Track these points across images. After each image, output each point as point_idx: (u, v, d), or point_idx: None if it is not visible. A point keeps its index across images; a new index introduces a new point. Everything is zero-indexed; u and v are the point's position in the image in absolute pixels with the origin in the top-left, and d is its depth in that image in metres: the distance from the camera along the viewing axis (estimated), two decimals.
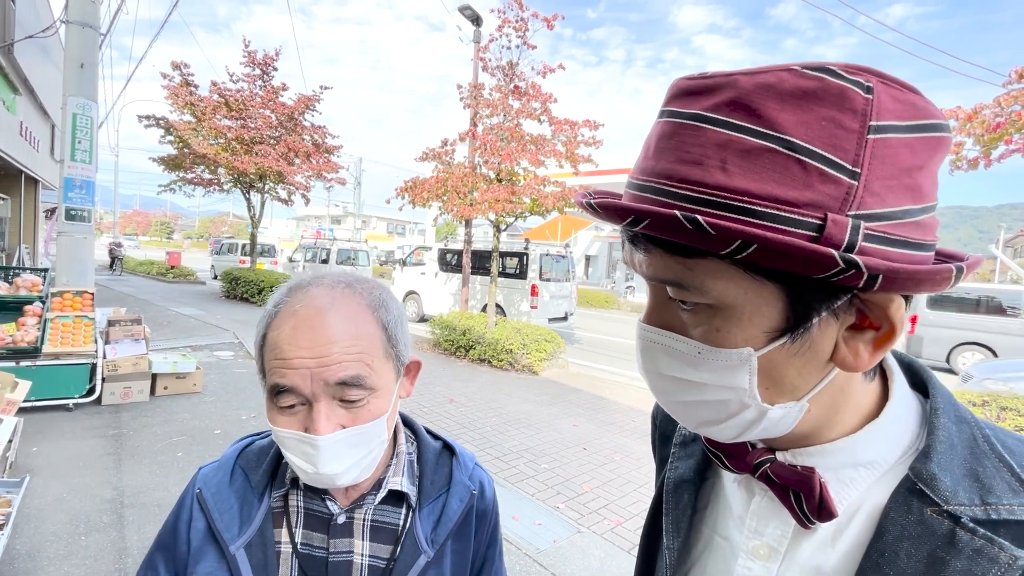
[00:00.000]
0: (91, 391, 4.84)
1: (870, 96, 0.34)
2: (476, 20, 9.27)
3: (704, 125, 0.37)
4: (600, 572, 2.84)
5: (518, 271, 10.55)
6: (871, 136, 0.34)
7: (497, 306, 9.64)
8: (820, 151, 0.34)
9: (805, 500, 0.42)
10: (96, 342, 5.07)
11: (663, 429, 0.65)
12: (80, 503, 3.12)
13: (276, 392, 0.59)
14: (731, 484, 0.52)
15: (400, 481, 0.70)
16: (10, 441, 3.05)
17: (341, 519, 0.67)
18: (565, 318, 10.95)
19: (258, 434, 0.76)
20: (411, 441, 0.77)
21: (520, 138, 8.16)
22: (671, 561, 0.54)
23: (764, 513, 0.47)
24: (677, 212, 0.35)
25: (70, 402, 4.68)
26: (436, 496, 0.72)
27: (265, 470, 0.69)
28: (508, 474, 3.99)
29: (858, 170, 0.34)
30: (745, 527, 0.48)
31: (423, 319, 11.55)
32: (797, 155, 0.35)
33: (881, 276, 0.33)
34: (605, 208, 0.41)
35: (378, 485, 0.69)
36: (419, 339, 9.57)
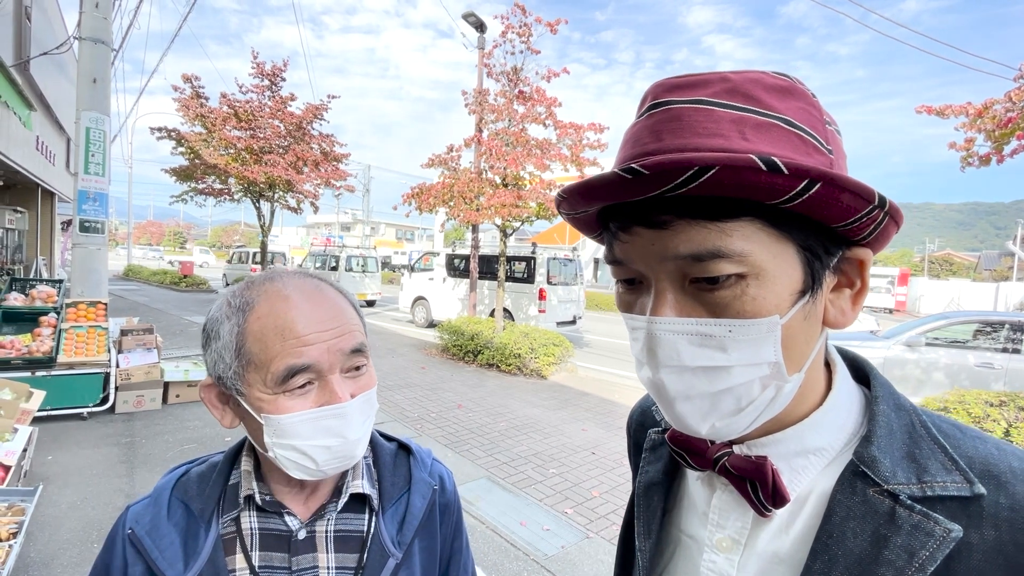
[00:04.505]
0: (104, 400, 4.92)
1: (815, 98, 0.43)
2: (480, 27, 9.33)
3: (712, 108, 0.40)
4: None
5: (526, 275, 10.55)
6: (828, 127, 0.43)
7: (505, 310, 9.65)
8: (809, 129, 0.41)
9: (760, 487, 0.44)
10: (109, 351, 5.15)
11: (636, 438, 0.66)
12: (93, 511, 3.16)
13: (291, 374, 0.57)
14: (695, 483, 0.54)
15: (360, 484, 0.68)
16: (25, 450, 3.10)
17: (302, 534, 0.64)
18: (573, 322, 10.92)
19: (191, 461, 0.72)
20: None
21: (525, 143, 8.18)
22: (643, 563, 0.55)
23: (724, 506, 0.49)
24: (751, 153, 0.36)
25: (84, 411, 4.75)
26: (398, 496, 0.70)
27: (210, 496, 0.64)
28: (516, 479, 3.97)
29: (830, 148, 0.42)
30: (708, 522, 0.49)
31: (432, 324, 11.58)
32: (797, 131, 0.40)
33: (889, 215, 0.39)
34: (653, 167, 0.36)
35: (337, 492, 0.67)
36: (428, 344, 9.60)
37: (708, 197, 0.38)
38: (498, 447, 4.64)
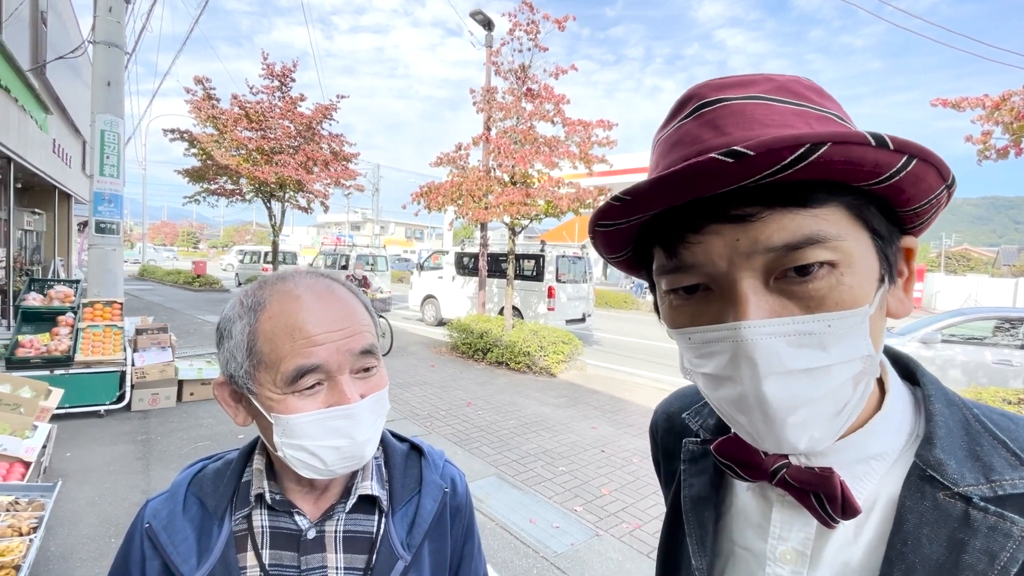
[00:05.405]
0: (121, 398, 5.01)
1: None
2: (488, 25, 9.32)
3: (772, 103, 0.40)
4: (617, 575, 2.81)
5: (535, 273, 10.54)
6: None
7: (514, 308, 9.66)
8: (851, 124, 0.42)
9: (827, 500, 0.42)
10: (125, 350, 5.25)
11: (665, 445, 0.64)
12: (111, 506, 3.23)
13: (300, 375, 0.57)
14: (745, 493, 0.52)
15: (370, 485, 0.67)
16: (44, 447, 3.17)
17: (311, 534, 0.64)
18: (583, 319, 10.90)
19: (208, 458, 0.72)
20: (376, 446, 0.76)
21: (533, 140, 8.17)
22: None
23: (786, 518, 0.47)
24: (864, 132, 0.35)
25: (101, 409, 4.85)
26: (408, 498, 0.69)
27: (223, 493, 0.65)
28: (525, 477, 3.98)
29: None
30: (769, 534, 0.48)
31: (441, 323, 11.62)
32: (847, 124, 0.41)
33: (946, 201, 0.41)
34: (758, 148, 0.34)
35: (347, 493, 0.67)
36: (437, 342, 9.64)
37: (794, 184, 0.37)
38: (507, 445, 4.65)
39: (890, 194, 0.39)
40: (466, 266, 11.69)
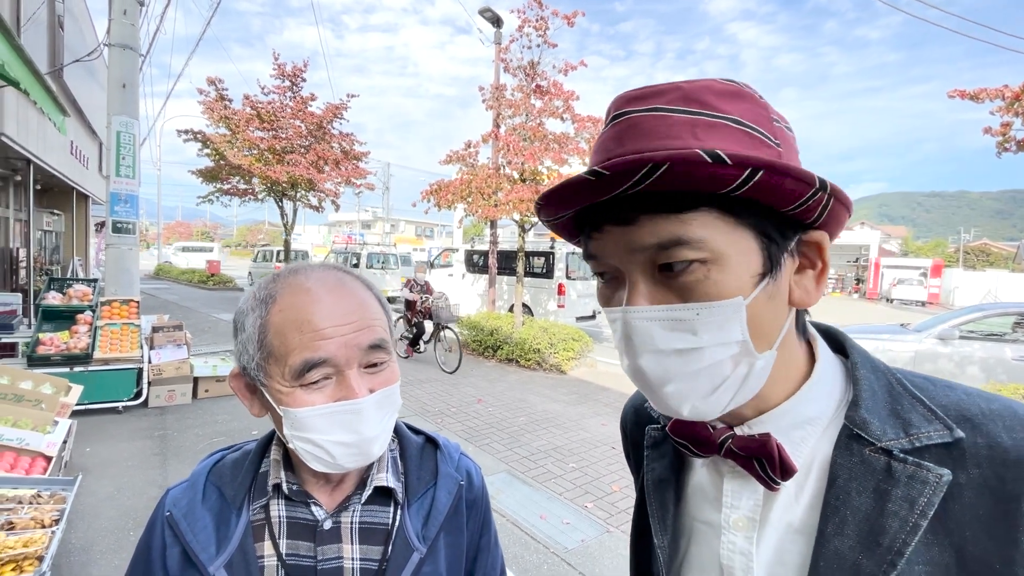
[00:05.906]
0: (138, 394, 5.11)
1: (764, 99, 0.47)
2: (496, 22, 9.31)
3: (668, 114, 0.44)
4: (628, 572, 2.81)
5: (545, 270, 10.53)
6: (775, 124, 0.46)
7: (524, 306, 9.66)
8: (756, 126, 0.44)
9: (767, 463, 0.46)
10: (142, 348, 5.34)
11: (633, 436, 0.68)
12: (129, 500, 3.29)
13: (307, 368, 0.57)
14: (701, 470, 0.56)
15: (385, 477, 0.68)
16: (65, 442, 3.24)
17: (327, 525, 0.64)
18: (593, 316, 10.87)
19: (228, 448, 0.73)
20: (392, 438, 0.74)
21: (543, 137, 8.15)
22: (664, 559, 0.56)
23: (736, 488, 0.51)
24: (697, 148, 0.39)
25: (119, 405, 4.95)
26: (424, 491, 0.70)
27: (241, 483, 0.66)
28: (536, 473, 3.99)
29: (778, 142, 0.45)
30: (722, 505, 0.51)
31: None
32: (744, 127, 0.44)
33: (835, 198, 0.43)
34: (612, 168, 0.40)
35: (362, 484, 0.67)
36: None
37: (669, 192, 0.41)
38: (518, 441, 4.66)
39: (759, 199, 0.42)
40: (476, 263, 11.71)
